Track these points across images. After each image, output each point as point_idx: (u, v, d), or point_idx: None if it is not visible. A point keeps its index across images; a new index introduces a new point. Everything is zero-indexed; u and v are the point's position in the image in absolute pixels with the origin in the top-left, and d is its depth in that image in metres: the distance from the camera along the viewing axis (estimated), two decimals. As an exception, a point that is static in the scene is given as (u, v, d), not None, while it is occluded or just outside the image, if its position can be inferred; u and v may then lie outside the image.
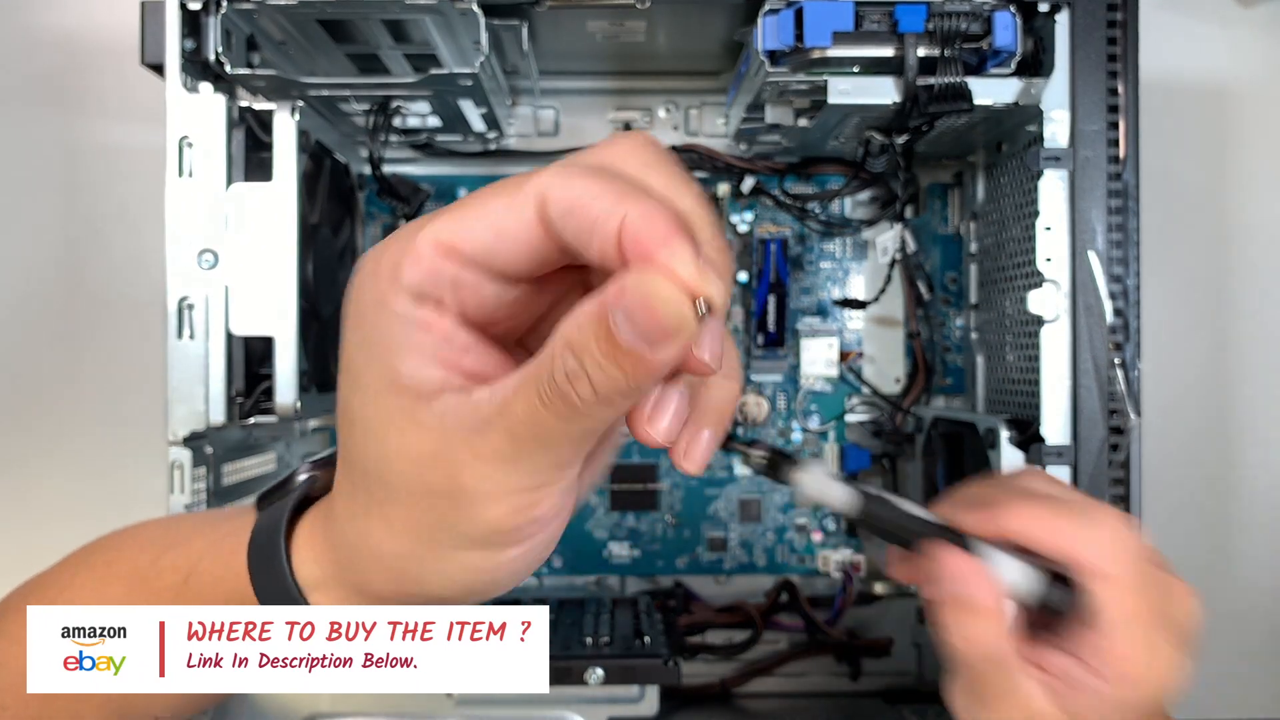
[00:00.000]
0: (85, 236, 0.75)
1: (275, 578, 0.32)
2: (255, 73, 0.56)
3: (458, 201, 0.26)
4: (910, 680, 0.73)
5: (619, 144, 0.27)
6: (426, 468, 0.26)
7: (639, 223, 0.23)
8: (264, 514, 0.34)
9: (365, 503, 0.28)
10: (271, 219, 0.53)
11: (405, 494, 0.27)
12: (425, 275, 0.25)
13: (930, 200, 0.73)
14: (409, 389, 0.26)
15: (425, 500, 0.27)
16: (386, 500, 0.28)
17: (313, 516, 0.33)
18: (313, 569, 0.33)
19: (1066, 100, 0.55)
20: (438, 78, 0.56)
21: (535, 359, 0.25)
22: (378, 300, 0.26)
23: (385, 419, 0.26)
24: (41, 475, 0.75)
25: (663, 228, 0.23)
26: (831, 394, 0.73)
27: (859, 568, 0.70)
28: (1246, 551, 0.77)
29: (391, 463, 0.27)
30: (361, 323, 0.27)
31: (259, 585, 0.33)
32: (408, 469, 0.27)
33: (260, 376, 0.54)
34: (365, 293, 0.26)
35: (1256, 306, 0.77)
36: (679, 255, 0.23)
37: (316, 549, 0.32)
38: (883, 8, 0.54)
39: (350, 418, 0.28)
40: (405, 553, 0.29)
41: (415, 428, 0.26)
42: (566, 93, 0.73)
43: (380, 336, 0.26)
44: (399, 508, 0.28)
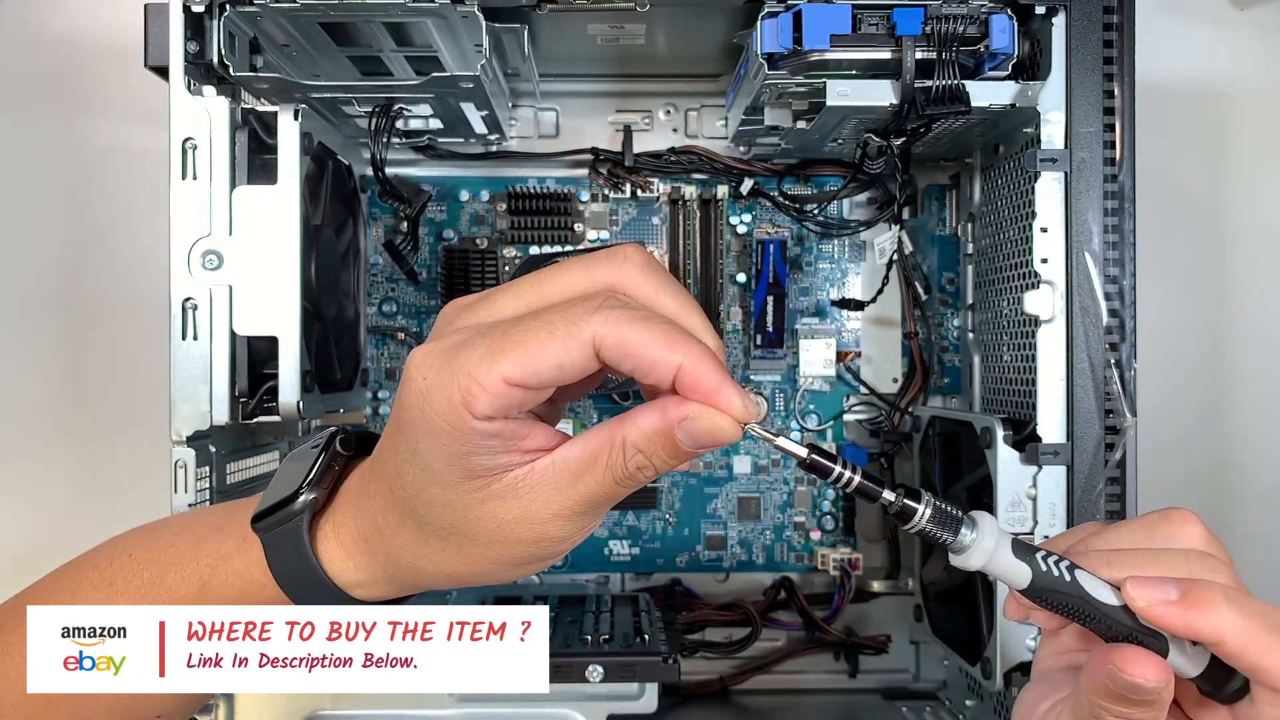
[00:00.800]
0: (89, 237, 0.75)
1: (316, 586, 0.38)
2: (258, 75, 0.56)
3: (512, 330, 0.31)
4: (908, 677, 0.74)
5: (627, 267, 0.33)
6: (512, 526, 0.34)
7: (694, 372, 0.31)
8: (275, 534, 0.38)
9: (441, 546, 0.36)
10: (275, 220, 0.53)
11: (488, 542, 0.35)
12: (497, 406, 0.31)
13: (928, 202, 0.73)
14: (482, 475, 0.33)
15: (510, 547, 0.35)
16: (467, 545, 0.35)
17: (339, 535, 0.38)
18: (353, 574, 0.38)
19: (1063, 103, 0.55)
20: (439, 80, 0.56)
21: (595, 448, 0.33)
22: (453, 424, 0.32)
23: (465, 499, 0.34)
24: (44, 475, 0.75)
25: (713, 377, 0.31)
26: (830, 394, 0.74)
27: (857, 565, 0.70)
28: (1243, 550, 0.77)
29: (476, 524, 0.34)
30: (436, 438, 0.32)
31: (296, 592, 0.39)
32: (493, 528, 0.34)
33: (263, 377, 0.55)
34: (437, 417, 0.32)
35: (1251, 307, 0.78)
36: (731, 400, 0.31)
37: (356, 560, 0.38)
38: (880, 11, 0.54)
39: (428, 498, 0.34)
40: (478, 573, 0.37)
41: (494, 500, 0.34)
42: (567, 95, 0.74)
43: (457, 448, 0.32)
44: (479, 549, 0.35)
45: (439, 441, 0.32)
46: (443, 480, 0.34)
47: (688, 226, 0.73)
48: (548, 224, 0.72)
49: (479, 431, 0.32)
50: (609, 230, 0.73)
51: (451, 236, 0.73)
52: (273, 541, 0.38)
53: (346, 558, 0.38)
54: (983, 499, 0.60)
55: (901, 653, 0.73)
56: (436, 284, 0.73)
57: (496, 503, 0.34)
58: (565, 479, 0.34)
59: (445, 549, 0.36)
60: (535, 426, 0.34)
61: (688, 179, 0.73)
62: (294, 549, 0.38)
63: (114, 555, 0.42)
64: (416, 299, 0.73)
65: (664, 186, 0.73)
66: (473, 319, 0.34)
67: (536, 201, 0.72)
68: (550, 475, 0.34)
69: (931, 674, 0.73)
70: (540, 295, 0.33)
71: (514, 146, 0.73)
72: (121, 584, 0.41)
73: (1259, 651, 0.34)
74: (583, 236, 0.73)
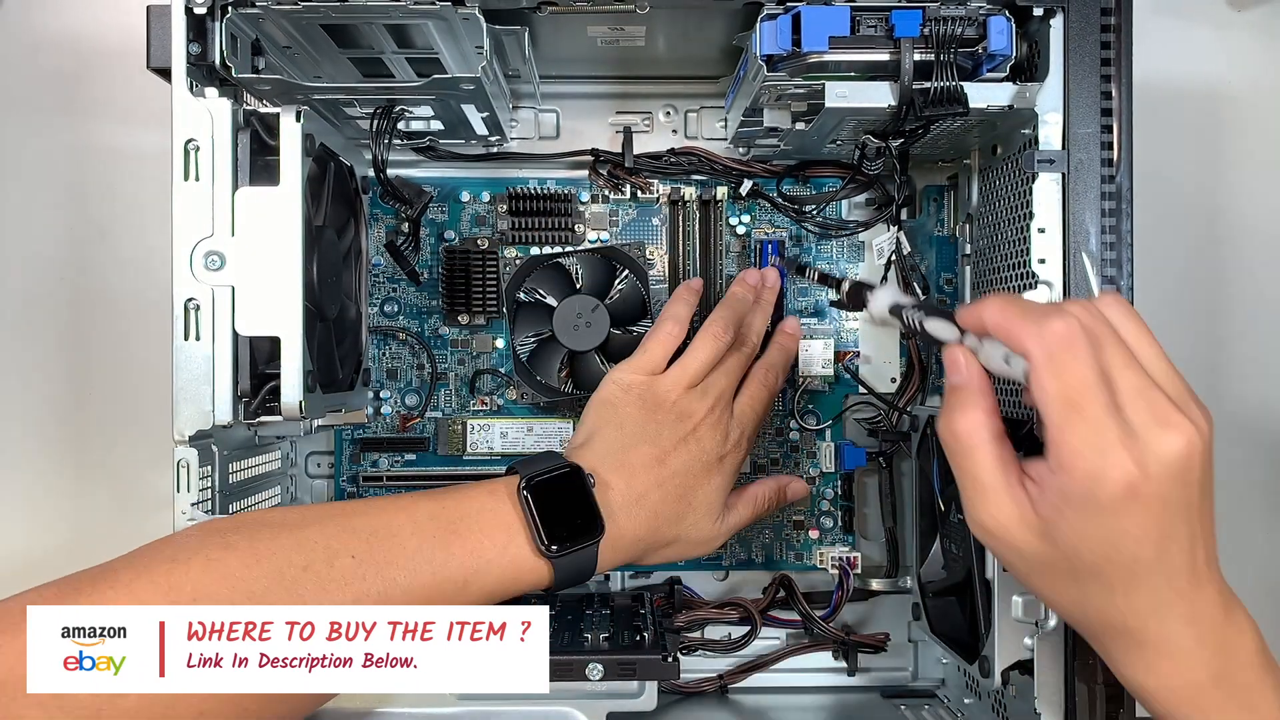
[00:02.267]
0: (92, 238, 0.76)
1: (588, 572, 0.53)
2: (260, 77, 0.56)
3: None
4: (906, 676, 0.74)
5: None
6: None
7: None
8: (572, 558, 0.52)
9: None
10: (277, 221, 0.53)
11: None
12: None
13: (926, 202, 0.73)
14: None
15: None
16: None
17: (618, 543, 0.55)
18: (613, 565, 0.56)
19: (1060, 104, 0.55)
20: (441, 82, 0.56)
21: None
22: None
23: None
24: (47, 475, 0.76)
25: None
26: (829, 393, 0.74)
27: (855, 564, 0.71)
28: (1241, 549, 0.77)
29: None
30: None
31: (565, 578, 0.52)
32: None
33: (266, 377, 0.55)
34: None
35: (1248, 308, 0.78)
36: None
37: (610, 558, 0.55)
38: (879, 13, 0.54)
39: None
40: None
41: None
42: (567, 96, 0.74)
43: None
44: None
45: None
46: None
47: (687, 227, 0.73)
48: (548, 225, 0.72)
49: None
50: (609, 231, 0.73)
51: (452, 237, 0.73)
52: (568, 564, 0.51)
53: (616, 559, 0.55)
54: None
55: (900, 651, 0.74)
56: (438, 284, 0.73)
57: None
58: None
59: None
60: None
61: (687, 180, 0.73)
62: (583, 565, 0.52)
63: (332, 558, 0.46)
64: (418, 299, 0.74)
65: (664, 187, 0.73)
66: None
67: (537, 202, 0.72)
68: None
69: (930, 672, 0.73)
70: None
71: (515, 148, 0.74)
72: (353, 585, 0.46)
73: (1008, 326, 0.41)
74: (583, 237, 0.73)
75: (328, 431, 0.73)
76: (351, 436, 0.74)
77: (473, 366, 0.74)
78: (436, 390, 0.74)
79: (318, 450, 0.74)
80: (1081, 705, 0.54)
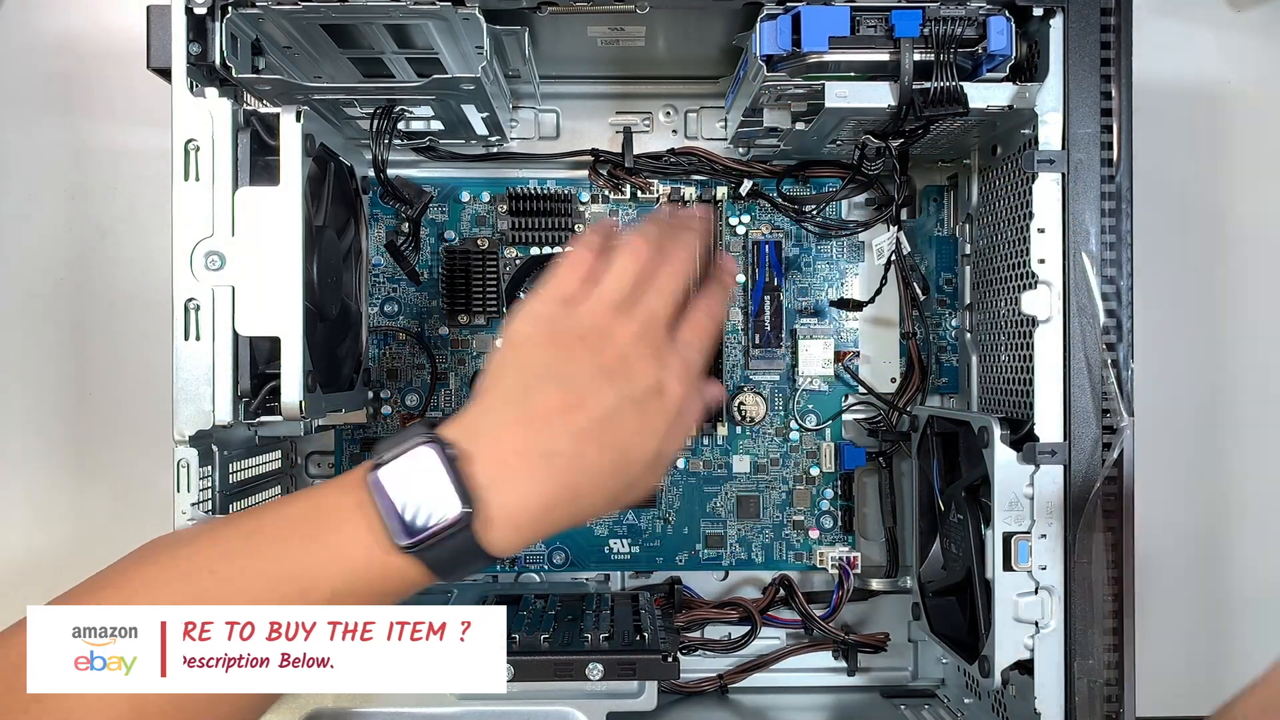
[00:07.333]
0: (92, 238, 0.76)
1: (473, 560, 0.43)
2: (260, 77, 0.56)
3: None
4: (906, 676, 0.74)
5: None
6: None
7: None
8: (440, 551, 0.42)
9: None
10: (277, 221, 0.53)
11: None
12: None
13: (925, 203, 0.74)
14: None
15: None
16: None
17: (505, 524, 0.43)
18: (517, 546, 0.43)
19: (1060, 104, 0.55)
20: (441, 82, 0.56)
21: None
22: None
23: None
24: (48, 475, 0.76)
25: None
26: (828, 393, 0.74)
27: (855, 564, 0.71)
28: (1239, 549, 0.77)
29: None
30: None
31: (447, 570, 0.43)
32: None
33: (265, 377, 0.55)
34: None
35: (1248, 307, 0.78)
36: None
37: (511, 537, 0.43)
38: (879, 13, 0.54)
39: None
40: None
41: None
42: (567, 97, 0.74)
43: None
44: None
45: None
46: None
47: (687, 227, 0.73)
48: (548, 225, 0.72)
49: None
50: (609, 231, 0.73)
51: (453, 237, 0.73)
52: (438, 557, 0.41)
53: (504, 535, 0.42)
54: (980, 498, 0.60)
55: (900, 651, 0.74)
56: (438, 284, 0.73)
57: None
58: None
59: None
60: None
61: (687, 180, 0.73)
62: (463, 553, 0.42)
63: (191, 575, 0.42)
64: (418, 299, 0.74)
65: (664, 187, 0.73)
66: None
67: (537, 203, 0.72)
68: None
69: (929, 672, 0.73)
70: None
71: (515, 148, 0.74)
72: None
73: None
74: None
75: (328, 431, 0.73)
76: (352, 436, 0.74)
77: (473, 366, 0.74)
78: (436, 390, 0.74)
79: (318, 450, 0.75)
80: (1081, 705, 0.54)
